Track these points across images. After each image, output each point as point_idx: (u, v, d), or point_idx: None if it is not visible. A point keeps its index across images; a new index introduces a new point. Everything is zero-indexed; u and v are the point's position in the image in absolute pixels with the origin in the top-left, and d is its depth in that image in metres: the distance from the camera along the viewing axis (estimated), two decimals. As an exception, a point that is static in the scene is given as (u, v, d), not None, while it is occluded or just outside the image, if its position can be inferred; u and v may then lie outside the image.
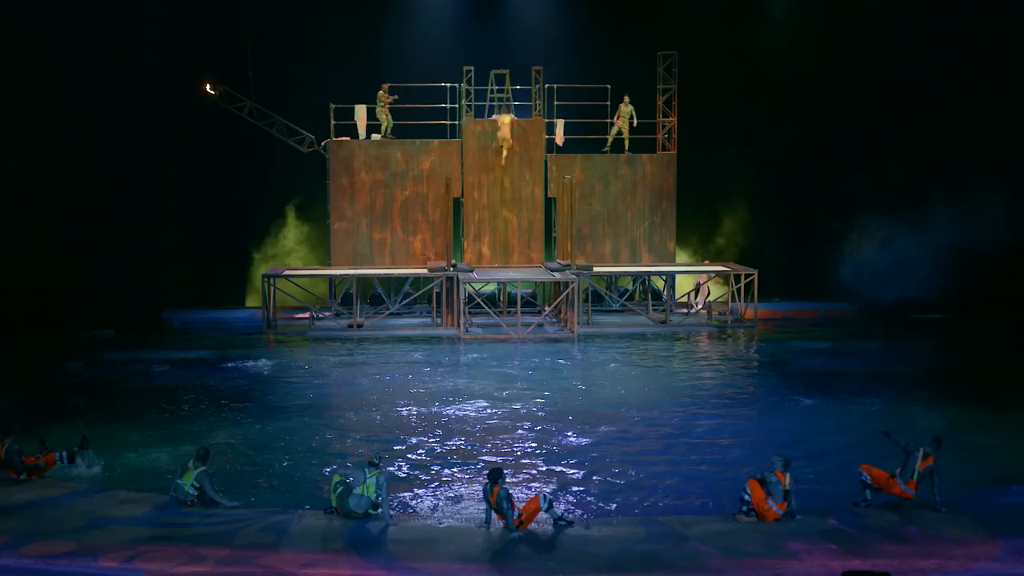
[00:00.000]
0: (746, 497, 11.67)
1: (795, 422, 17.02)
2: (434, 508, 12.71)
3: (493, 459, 14.77)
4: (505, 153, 27.75)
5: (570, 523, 11.65)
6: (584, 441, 15.84)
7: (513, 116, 27.92)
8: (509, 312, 27.42)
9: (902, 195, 27.12)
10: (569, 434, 16.19)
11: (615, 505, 12.84)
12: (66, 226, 25.69)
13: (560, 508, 12.11)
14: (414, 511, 12.57)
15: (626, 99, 28.48)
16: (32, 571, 10.30)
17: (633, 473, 14.17)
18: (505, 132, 27.50)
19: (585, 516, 12.28)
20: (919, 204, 26.81)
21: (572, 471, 14.26)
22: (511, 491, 11.72)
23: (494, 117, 27.94)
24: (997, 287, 26.55)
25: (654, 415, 17.61)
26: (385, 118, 28.21)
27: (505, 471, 11.92)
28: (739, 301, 28.02)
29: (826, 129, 29.51)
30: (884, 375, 20.89)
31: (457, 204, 28.42)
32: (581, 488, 13.48)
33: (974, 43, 27.09)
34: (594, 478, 13.94)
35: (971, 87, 27.02)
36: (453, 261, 27.00)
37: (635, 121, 28.43)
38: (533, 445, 15.58)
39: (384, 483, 11.76)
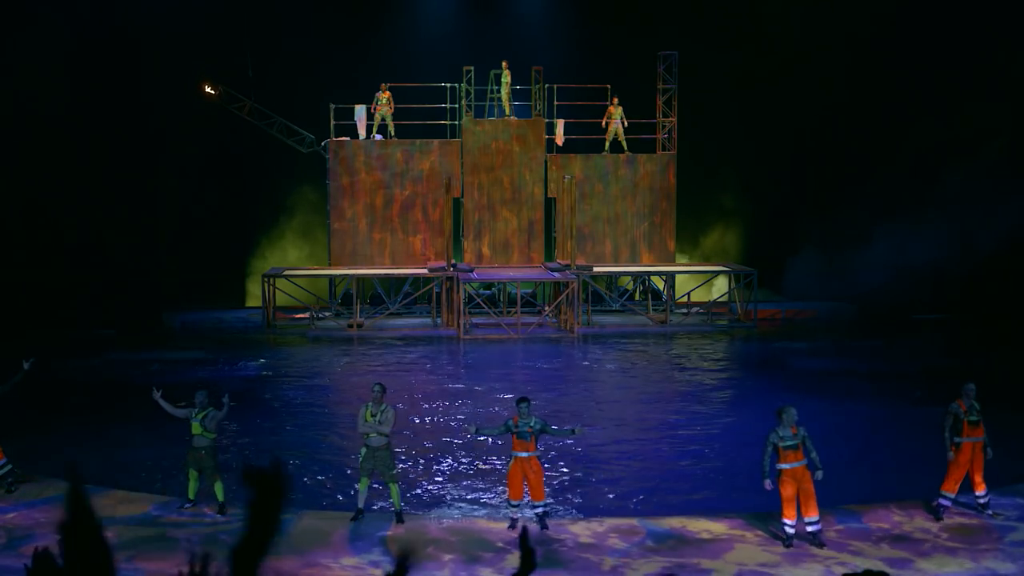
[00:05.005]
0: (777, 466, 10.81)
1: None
2: (434, 508, 12.71)
3: (493, 459, 14.76)
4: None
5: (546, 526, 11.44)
6: (584, 441, 15.82)
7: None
8: (509, 312, 27.41)
9: (902, 195, 27.14)
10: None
11: (615, 504, 12.84)
12: (66, 226, 25.71)
13: (559, 509, 12.08)
14: (414, 511, 12.58)
15: (615, 100, 28.38)
16: (32, 571, 10.29)
17: (633, 472, 14.17)
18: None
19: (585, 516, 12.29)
20: (918, 205, 26.85)
21: (572, 471, 14.26)
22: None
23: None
24: (997, 287, 26.52)
25: (654, 414, 17.62)
26: (379, 116, 28.04)
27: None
28: (739, 301, 28.03)
29: (826, 130, 29.53)
30: (885, 375, 20.89)
31: (457, 204, 28.41)
32: (581, 487, 13.48)
33: (972, 44, 27.09)
34: (593, 478, 13.94)
35: (969, 88, 27.02)
36: (453, 261, 26.99)
37: (626, 121, 28.35)
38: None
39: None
